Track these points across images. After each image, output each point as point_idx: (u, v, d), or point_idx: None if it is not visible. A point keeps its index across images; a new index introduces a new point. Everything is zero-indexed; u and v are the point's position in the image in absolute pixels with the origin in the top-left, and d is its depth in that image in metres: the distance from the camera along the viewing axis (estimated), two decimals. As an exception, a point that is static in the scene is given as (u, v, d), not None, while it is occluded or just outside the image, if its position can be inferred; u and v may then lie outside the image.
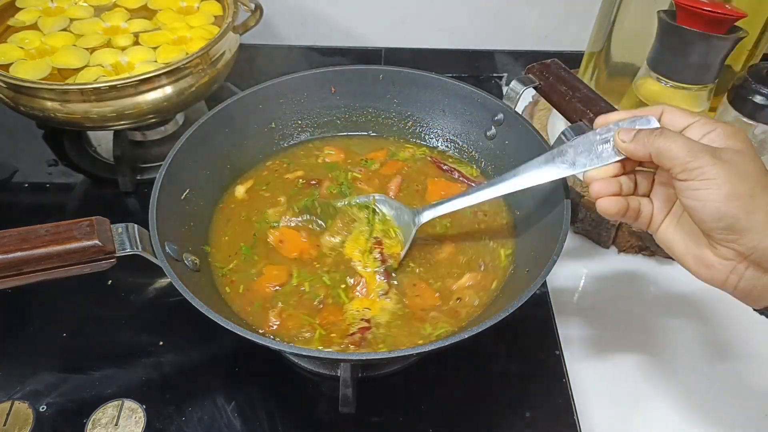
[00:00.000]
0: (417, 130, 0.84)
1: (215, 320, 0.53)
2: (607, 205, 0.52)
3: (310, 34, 1.16)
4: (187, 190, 0.70)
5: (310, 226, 0.72)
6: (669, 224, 0.53)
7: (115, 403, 0.64)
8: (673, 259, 0.81)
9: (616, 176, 0.53)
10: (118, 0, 0.96)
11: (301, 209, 0.73)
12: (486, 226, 0.73)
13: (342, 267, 0.68)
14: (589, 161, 0.54)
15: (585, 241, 0.86)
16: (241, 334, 0.52)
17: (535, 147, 0.72)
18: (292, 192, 0.77)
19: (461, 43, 1.16)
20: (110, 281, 0.76)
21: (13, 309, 0.73)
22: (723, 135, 0.48)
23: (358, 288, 0.66)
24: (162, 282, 0.77)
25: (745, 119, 0.75)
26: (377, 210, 0.71)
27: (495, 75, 1.17)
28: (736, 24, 0.66)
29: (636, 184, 0.54)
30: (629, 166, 0.53)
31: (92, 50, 0.86)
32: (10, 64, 0.81)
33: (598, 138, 0.54)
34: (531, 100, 1.01)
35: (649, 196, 0.54)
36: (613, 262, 0.84)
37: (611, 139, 0.53)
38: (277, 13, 1.12)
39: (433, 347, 0.52)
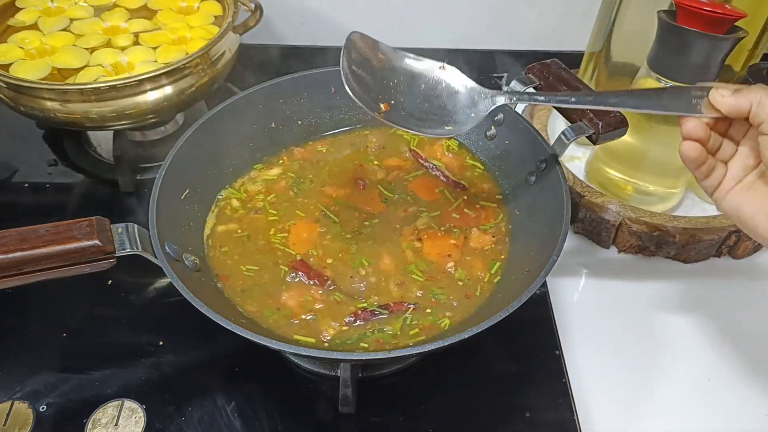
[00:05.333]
0: (417, 130, 0.84)
1: (215, 320, 0.53)
2: (689, 148, 0.55)
3: (310, 34, 1.16)
4: (187, 190, 0.70)
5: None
6: (739, 190, 0.56)
7: (115, 403, 0.64)
8: (672, 259, 0.82)
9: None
10: (118, 0, 0.96)
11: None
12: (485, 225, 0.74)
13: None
14: (684, 110, 0.55)
15: (585, 241, 0.86)
16: (241, 334, 0.53)
17: (535, 147, 0.72)
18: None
19: (461, 43, 1.16)
20: (110, 281, 0.76)
21: (13, 309, 0.73)
22: None
23: None
24: (162, 282, 0.77)
25: (745, 119, 0.75)
26: None
27: (495, 75, 1.16)
28: (736, 24, 0.66)
29: (720, 147, 0.57)
30: (720, 127, 0.56)
31: (92, 50, 0.86)
32: (10, 64, 0.81)
33: (694, 93, 0.56)
34: (531, 100, 1.01)
35: (726, 163, 0.57)
36: (613, 262, 0.84)
37: (706, 94, 0.55)
38: (277, 13, 1.12)
39: (433, 347, 0.53)
